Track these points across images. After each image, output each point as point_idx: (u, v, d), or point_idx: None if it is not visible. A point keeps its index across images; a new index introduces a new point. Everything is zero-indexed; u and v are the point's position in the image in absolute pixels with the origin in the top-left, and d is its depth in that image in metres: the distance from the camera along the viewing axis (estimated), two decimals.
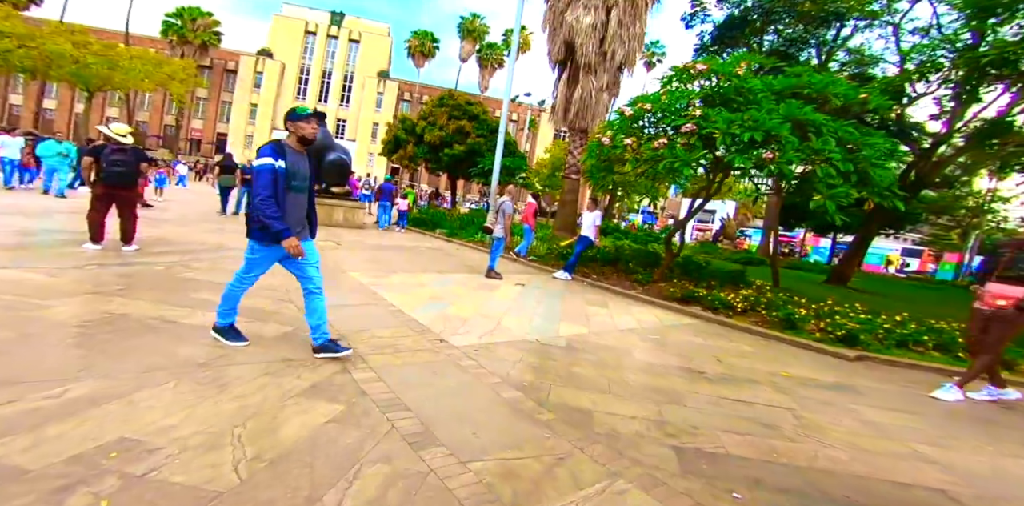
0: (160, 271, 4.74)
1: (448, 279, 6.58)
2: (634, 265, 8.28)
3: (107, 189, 5.25)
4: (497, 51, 54.62)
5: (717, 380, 3.70)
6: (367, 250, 8.42)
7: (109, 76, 22.76)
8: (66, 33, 21.92)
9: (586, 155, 6.57)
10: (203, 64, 42.22)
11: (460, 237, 12.35)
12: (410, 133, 18.86)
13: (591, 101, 10.94)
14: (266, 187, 2.71)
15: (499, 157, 11.58)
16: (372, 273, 6.22)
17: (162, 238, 6.73)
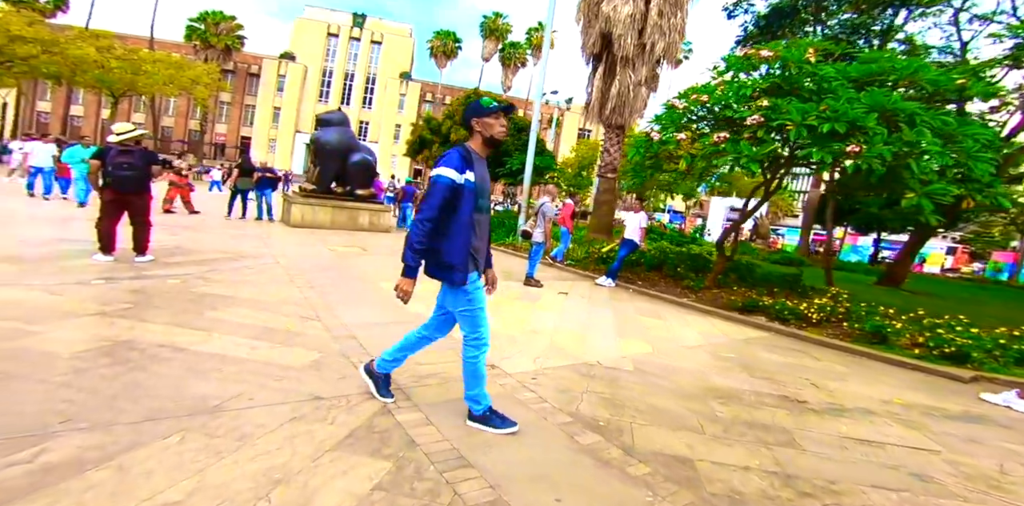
0: (174, 285, 4.37)
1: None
2: (683, 270, 7.66)
3: (116, 195, 4.90)
4: (520, 50, 54.32)
5: (824, 411, 3.16)
6: (395, 256, 7.98)
7: (133, 81, 23.16)
8: (90, 38, 22.29)
9: (631, 152, 6.02)
10: (226, 68, 43.15)
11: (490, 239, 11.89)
12: (435, 133, 18.60)
13: (629, 96, 10.34)
14: (433, 208, 2.12)
15: (531, 157, 11.09)
16: (393, 279, 5.79)
17: (180, 246, 6.45)
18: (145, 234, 5.18)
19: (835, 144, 4.73)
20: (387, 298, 4.87)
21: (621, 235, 7.75)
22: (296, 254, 6.99)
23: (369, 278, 5.84)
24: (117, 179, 4.86)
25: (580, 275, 8.27)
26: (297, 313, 3.95)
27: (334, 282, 5.36)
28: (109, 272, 4.57)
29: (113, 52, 22.09)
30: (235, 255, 6.24)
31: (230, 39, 41.92)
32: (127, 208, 5.03)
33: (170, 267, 5.07)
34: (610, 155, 11.10)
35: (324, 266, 6.31)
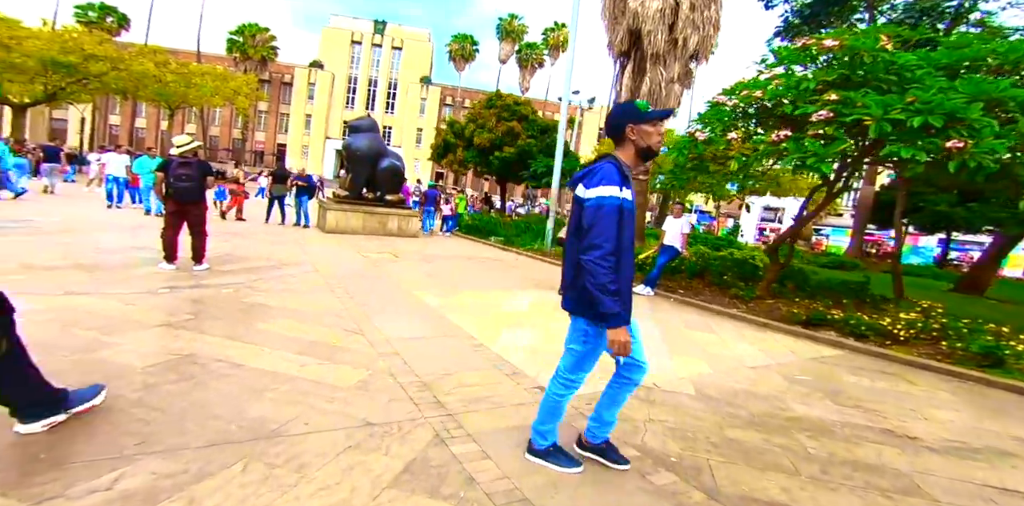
0: (228, 295, 4.46)
1: (521, 298, 5.97)
2: (730, 278, 7.31)
3: (177, 205, 5.13)
4: (537, 51, 54.30)
5: (945, 450, 2.77)
6: (426, 262, 7.99)
7: (185, 93, 24.49)
8: (149, 54, 23.78)
9: (673, 153, 5.75)
10: (263, 78, 44.68)
11: (517, 245, 11.78)
12: (459, 137, 18.61)
13: (661, 94, 10.04)
14: (612, 238, 1.74)
15: (559, 159, 10.90)
16: (438, 291, 5.72)
17: (230, 254, 6.63)
18: (202, 243, 5.38)
19: (928, 140, 4.29)
20: (423, 309, 4.80)
21: (658, 240, 7.46)
22: (332, 261, 7.03)
23: (404, 287, 5.80)
24: (177, 190, 5.06)
25: None
26: (340, 325, 3.92)
27: (371, 291, 5.34)
28: (172, 281, 4.73)
29: (168, 67, 23.39)
30: (278, 263, 6.34)
31: (265, 50, 43.44)
32: (186, 218, 5.18)
33: (223, 275, 5.24)
34: None
35: (360, 274, 6.31)
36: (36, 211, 8.81)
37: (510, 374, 3.33)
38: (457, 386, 3.02)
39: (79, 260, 5.12)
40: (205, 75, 25.04)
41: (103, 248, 5.98)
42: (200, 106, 31.31)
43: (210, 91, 25.15)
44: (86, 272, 4.64)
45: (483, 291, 6.12)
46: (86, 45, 19.37)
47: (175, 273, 5.06)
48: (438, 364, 3.33)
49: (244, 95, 29.11)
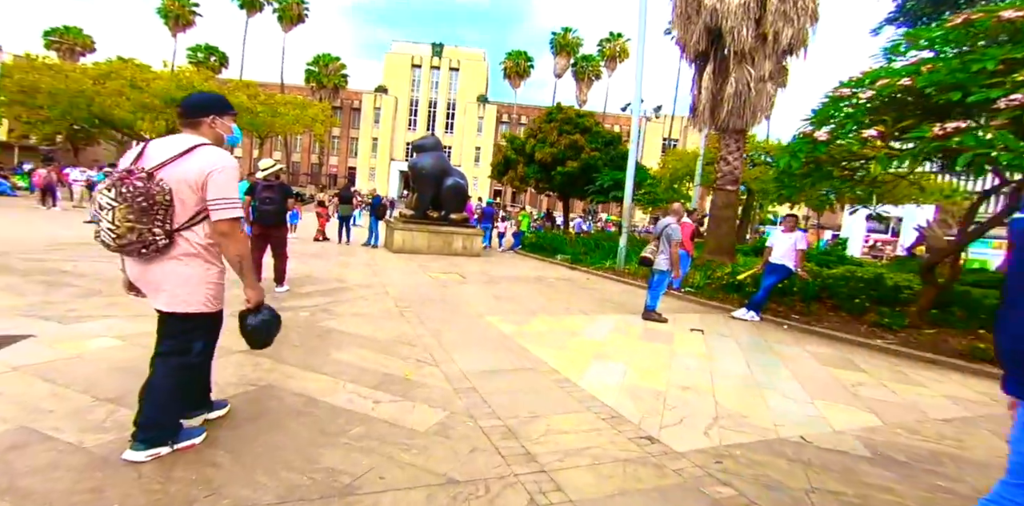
0: (305, 319, 4.49)
1: (601, 323, 5.50)
2: (862, 301, 6.26)
3: (262, 228, 5.34)
4: (593, 63, 54.24)
5: None
6: (494, 283, 7.76)
7: (272, 122, 27.11)
8: (243, 88, 27.02)
9: (784, 159, 5.06)
10: (335, 105, 48.67)
11: (585, 264, 11.28)
12: (520, 153, 18.62)
13: (749, 95, 9.25)
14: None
15: (632, 171, 10.38)
16: (510, 316, 5.42)
17: (308, 276, 6.87)
18: (284, 265, 5.58)
19: None
20: (497, 337, 4.49)
21: (763, 258, 6.67)
22: (402, 283, 7.00)
23: (474, 311, 5.57)
24: (262, 213, 5.28)
25: (705, 305, 7.30)
26: (413, 355, 3.72)
27: (442, 316, 5.14)
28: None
29: (258, 98, 26.10)
30: (351, 285, 6.44)
31: (337, 78, 47.37)
32: (269, 241, 5.37)
33: (301, 298, 5.34)
34: (728, 164, 9.96)
35: (429, 297, 6.18)
36: None
37: (608, 418, 2.89)
38: (547, 433, 2.64)
39: None
40: (288, 104, 27.54)
41: None
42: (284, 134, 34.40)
43: (292, 119, 27.52)
44: None
45: (558, 316, 5.73)
46: (196, 82, 22.08)
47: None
48: (521, 404, 2.97)
49: (320, 122, 31.60)
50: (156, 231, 1.77)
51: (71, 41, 38.63)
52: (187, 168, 1.80)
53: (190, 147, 1.83)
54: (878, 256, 22.86)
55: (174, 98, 20.84)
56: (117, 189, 1.71)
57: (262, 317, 2.14)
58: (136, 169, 1.76)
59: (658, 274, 5.79)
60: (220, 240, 1.89)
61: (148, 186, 1.73)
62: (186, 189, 1.80)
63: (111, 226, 1.72)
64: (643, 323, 5.70)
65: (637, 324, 5.63)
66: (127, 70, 21.21)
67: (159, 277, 1.88)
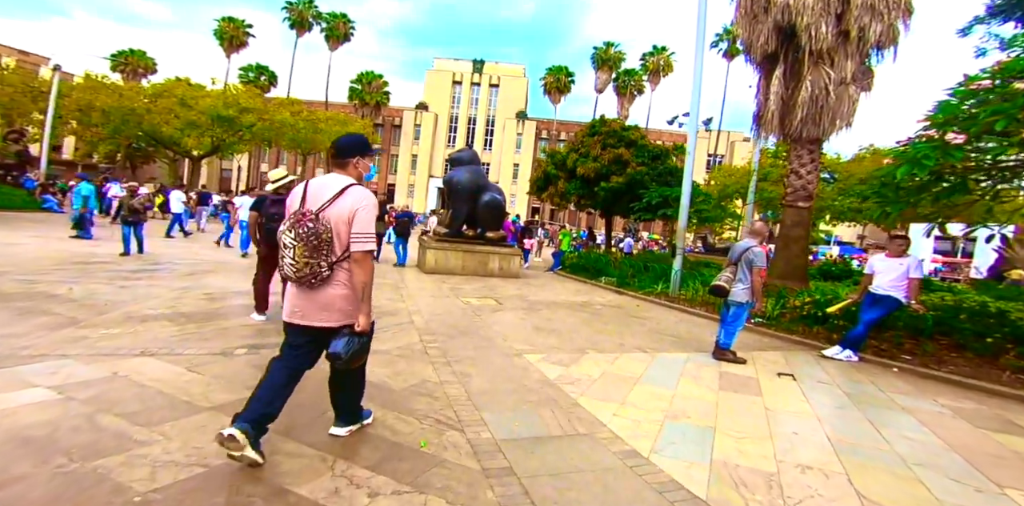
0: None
1: (665, 365, 4.62)
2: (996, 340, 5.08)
3: (269, 249, 4.74)
4: (636, 77, 53.77)
5: None
6: (534, 311, 7.00)
7: (315, 139, 27.86)
8: (288, 105, 28.13)
9: (903, 170, 4.11)
10: (377, 123, 50.26)
11: (633, 288, 10.34)
12: (560, 168, 18.01)
13: (827, 100, 8.24)
14: None
15: (688, 187, 9.49)
16: (554, 354, 4.64)
17: None
18: None
19: None
20: (539, 384, 3.71)
21: (859, 287, 5.59)
22: (430, 310, 6.38)
23: (512, 347, 4.82)
24: (269, 232, 4.65)
25: (783, 340, 6.23)
26: (432, 413, 3.01)
27: (473, 354, 4.44)
28: (257, 336, 4.33)
29: (301, 115, 27.09)
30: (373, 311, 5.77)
31: (379, 96, 49.03)
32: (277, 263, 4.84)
33: None
34: (801, 178, 8.90)
35: (460, 328, 5.50)
36: (186, 252, 9.79)
37: None
38: None
39: (182, 309, 5.04)
40: (329, 120, 28.37)
41: (215, 293, 5.99)
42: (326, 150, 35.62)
43: (333, 135, 28.32)
44: (177, 325, 4.42)
45: (612, 354, 4.89)
46: (241, 99, 23.13)
47: (264, 325, 4.70)
48: (578, 497, 2.18)
49: None
50: (323, 264, 2.08)
51: (135, 63, 42.07)
52: (342, 207, 2.08)
53: (343, 188, 2.11)
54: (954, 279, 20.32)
55: (220, 115, 21.83)
56: (296, 230, 2.02)
57: (355, 343, 2.22)
58: (307, 212, 2.06)
59: (735, 307, 4.86)
60: (352, 267, 2.15)
61: (316, 226, 2.03)
62: (342, 226, 2.09)
63: (292, 262, 2.07)
64: (717, 365, 4.76)
65: (710, 366, 4.71)
66: (178, 89, 22.45)
67: (324, 301, 2.16)
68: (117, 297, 5.23)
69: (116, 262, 7.60)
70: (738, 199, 30.62)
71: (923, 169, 3.98)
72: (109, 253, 8.25)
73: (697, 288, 9.24)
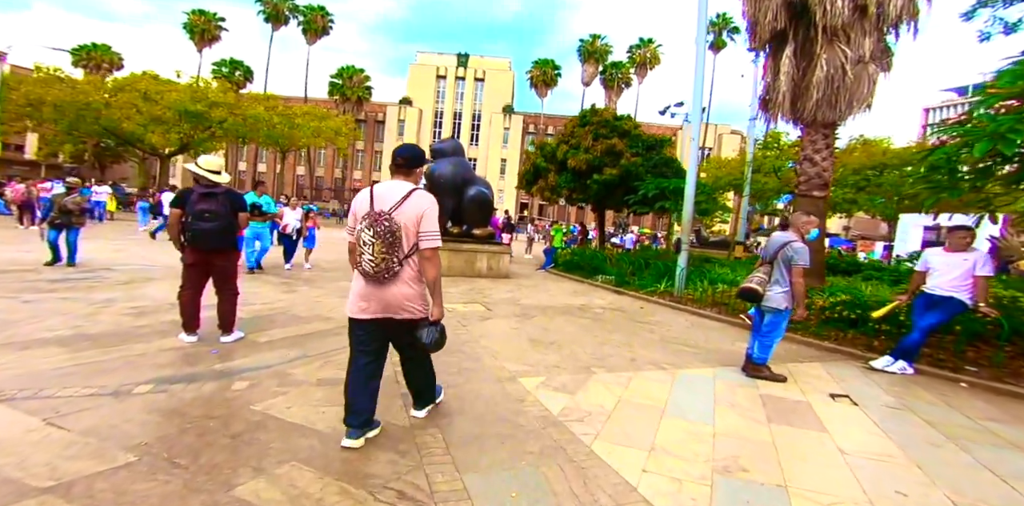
0: (234, 399, 2.93)
1: (691, 386, 3.78)
2: None
3: (198, 255, 3.79)
4: (623, 70, 53.18)
5: None
6: (527, 317, 6.13)
7: (292, 135, 26.57)
8: (262, 100, 26.73)
9: (984, 144, 3.33)
10: (359, 118, 48.81)
11: (633, 286, 9.54)
12: (550, 160, 17.12)
13: (844, 80, 7.47)
14: None
15: (693, 177, 8.67)
16: (555, 377, 3.78)
17: (285, 310, 5.39)
18: (232, 306, 4.04)
19: None
20: (538, 425, 2.83)
21: (910, 286, 4.80)
22: None
23: (503, 367, 3.96)
24: (197, 233, 3.72)
25: (814, 347, 5.44)
26: (393, 481, 2.17)
27: (456, 381, 3.57)
28: (178, 365, 3.40)
29: (276, 110, 25.84)
30: (339, 324, 4.86)
31: (361, 91, 47.59)
32: (210, 271, 3.86)
33: (253, 352, 3.81)
34: (815, 165, 8.13)
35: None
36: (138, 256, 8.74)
37: None
38: None
39: (90, 329, 4.06)
40: (306, 115, 27.06)
41: (145, 307, 5.00)
42: (305, 147, 34.28)
43: (311, 131, 27.05)
44: (71, 352, 3.46)
45: (624, 373, 4.05)
46: (211, 93, 21.80)
47: (192, 348, 3.76)
48: None
49: (343, 135, 31.17)
50: (395, 260, 2.27)
51: (99, 58, 39.94)
52: (409, 208, 2.30)
53: (409, 192, 2.34)
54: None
55: (188, 110, 20.48)
56: (374, 228, 2.22)
57: (434, 333, 2.46)
58: (382, 212, 2.26)
59: (771, 315, 4.04)
60: (423, 263, 2.35)
61: (391, 225, 2.23)
62: (411, 225, 2.31)
63: (371, 258, 2.23)
64: (752, 384, 3.95)
65: (744, 386, 3.88)
66: (142, 83, 21.02)
67: (390, 296, 2.34)
68: (10, 315, 4.23)
69: (38, 270, 6.54)
70: (730, 191, 30.15)
71: (1010, 145, 3.21)
72: (37, 260, 7.16)
73: (704, 287, 8.46)
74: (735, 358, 4.75)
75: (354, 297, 2.41)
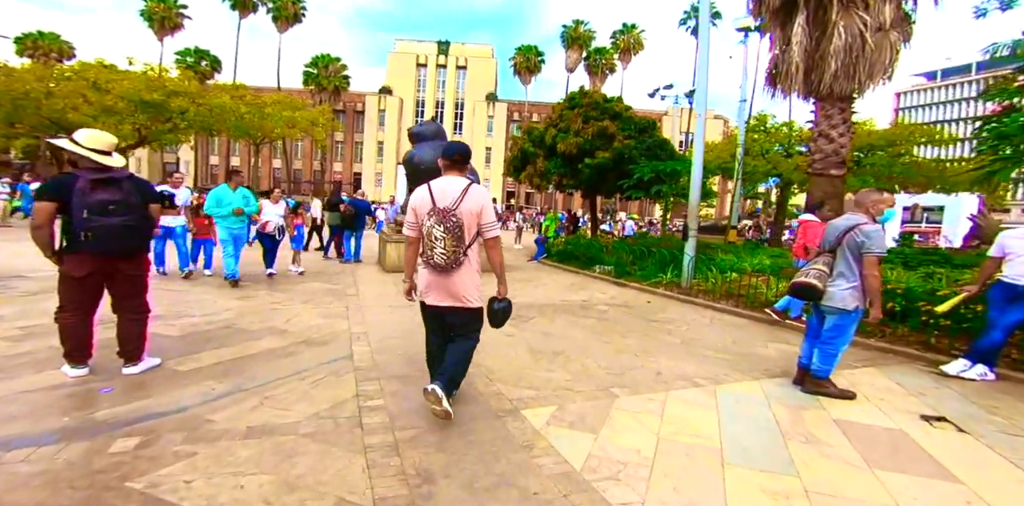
0: (100, 470, 1.97)
1: (744, 413, 2.94)
2: None
3: (96, 261, 2.78)
4: (607, 56, 52.12)
5: None
6: (523, 320, 5.25)
7: (263, 125, 24.96)
8: (230, 89, 24.97)
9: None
10: (337, 109, 46.83)
11: (635, 277, 8.72)
12: (538, 145, 16.15)
13: (864, 48, 6.65)
14: None
15: (699, 158, 7.82)
16: (568, 404, 2.93)
17: (230, 324, 4.40)
18: (141, 329, 3.06)
19: None
20: (553, 482, 1.93)
21: (980, 275, 3.99)
22: (383, 330, 4.55)
23: (500, 395, 3.12)
24: (102, 231, 2.72)
25: (864, 346, 4.65)
26: None
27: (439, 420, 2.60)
28: (38, 415, 2.39)
29: (244, 99, 24.09)
30: (292, 341, 3.91)
31: (338, 80, 45.61)
32: (110, 283, 2.85)
33: (166, 388, 2.83)
34: (832, 141, 7.33)
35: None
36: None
37: None
38: None
39: None
40: (276, 104, 25.45)
41: (33, 326, 3.91)
42: (279, 138, 32.69)
43: (283, 121, 25.49)
44: None
45: (652, 394, 3.19)
46: (167, 82, 20.13)
47: (75, 387, 2.77)
48: None
49: (321, 126, 29.63)
50: (461, 251, 2.42)
51: (46, 47, 37.17)
52: (470, 203, 2.44)
53: (466, 187, 2.47)
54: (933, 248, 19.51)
55: (143, 100, 18.87)
56: (444, 224, 2.37)
57: (504, 304, 2.62)
58: (447, 208, 2.39)
59: (836, 316, 3.20)
60: (489, 251, 2.56)
61: (458, 220, 2.38)
62: (472, 218, 2.45)
63: (442, 251, 2.39)
64: (816, 404, 3.12)
65: (809, 407, 3.06)
66: (90, 71, 19.24)
67: (456, 284, 2.49)
68: None
69: None
70: (717, 175, 29.64)
71: None
72: None
73: (714, 276, 7.68)
74: (776, 365, 3.94)
75: (422, 285, 2.57)
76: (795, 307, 5.39)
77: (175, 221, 6.59)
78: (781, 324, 5.51)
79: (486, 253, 2.56)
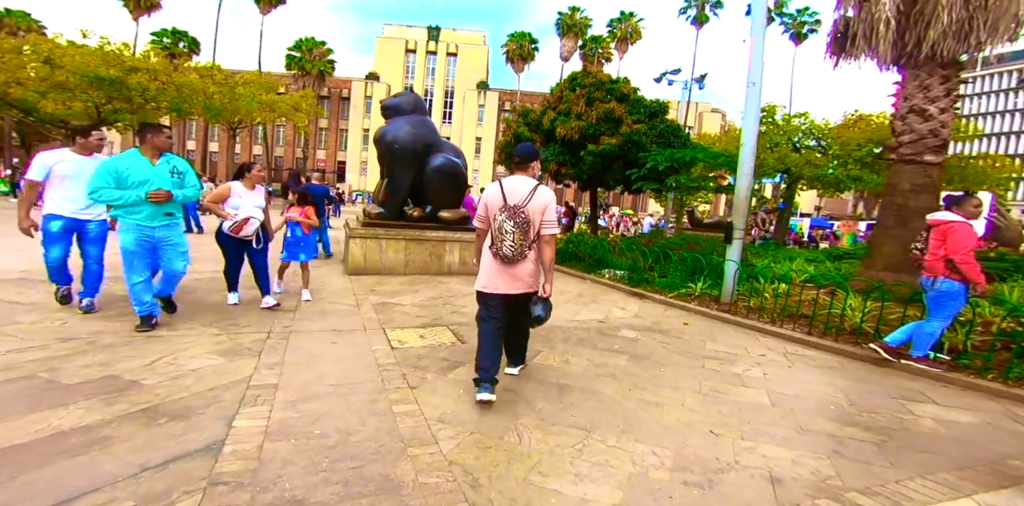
0: None
1: None
2: None
3: None
4: (604, 44, 50.17)
5: None
6: (531, 358, 3.52)
7: (234, 107, 22.96)
8: (201, 69, 22.96)
9: None
10: (321, 95, 44.42)
11: (655, 286, 7.07)
12: (535, 130, 14.38)
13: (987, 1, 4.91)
14: None
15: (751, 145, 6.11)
16: None
17: (30, 377, 2.59)
18: None
19: None
20: None
21: None
22: (307, 384, 2.86)
23: None
24: None
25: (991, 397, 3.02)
26: None
27: None
28: None
29: (215, 78, 22.10)
30: (132, 405, 2.17)
31: (322, 64, 43.28)
32: None
33: None
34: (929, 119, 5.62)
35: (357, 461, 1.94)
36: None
37: None
38: None
39: None
40: (248, 84, 23.30)
41: None
42: (258, 122, 30.42)
43: (255, 103, 23.39)
44: None
45: None
46: (126, 58, 17.99)
47: None
48: None
49: (303, 111, 27.53)
50: (526, 244, 2.73)
51: (13, 25, 34.37)
52: (537, 202, 2.75)
53: (534, 187, 2.78)
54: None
55: (99, 76, 16.71)
56: (514, 220, 2.67)
57: (548, 305, 2.84)
58: (516, 206, 2.70)
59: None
60: (543, 246, 2.79)
61: (527, 216, 2.70)
62: (537, 215, 2.75)
63: (511, 244, 2.68)
64: None
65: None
66: (43, 44, 17.03)
67: (520, 273, 2.80)
68: None
69: None
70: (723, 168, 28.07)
71: None
72: None
73: (762, 288, 6.05)
74: (967, 454, 2.30)
75: (488, 275, 2.82)
76: (922, 343, 3.72)
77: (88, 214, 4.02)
78: (892, 365, 3.87)
79: (539, 248, 2.79)
